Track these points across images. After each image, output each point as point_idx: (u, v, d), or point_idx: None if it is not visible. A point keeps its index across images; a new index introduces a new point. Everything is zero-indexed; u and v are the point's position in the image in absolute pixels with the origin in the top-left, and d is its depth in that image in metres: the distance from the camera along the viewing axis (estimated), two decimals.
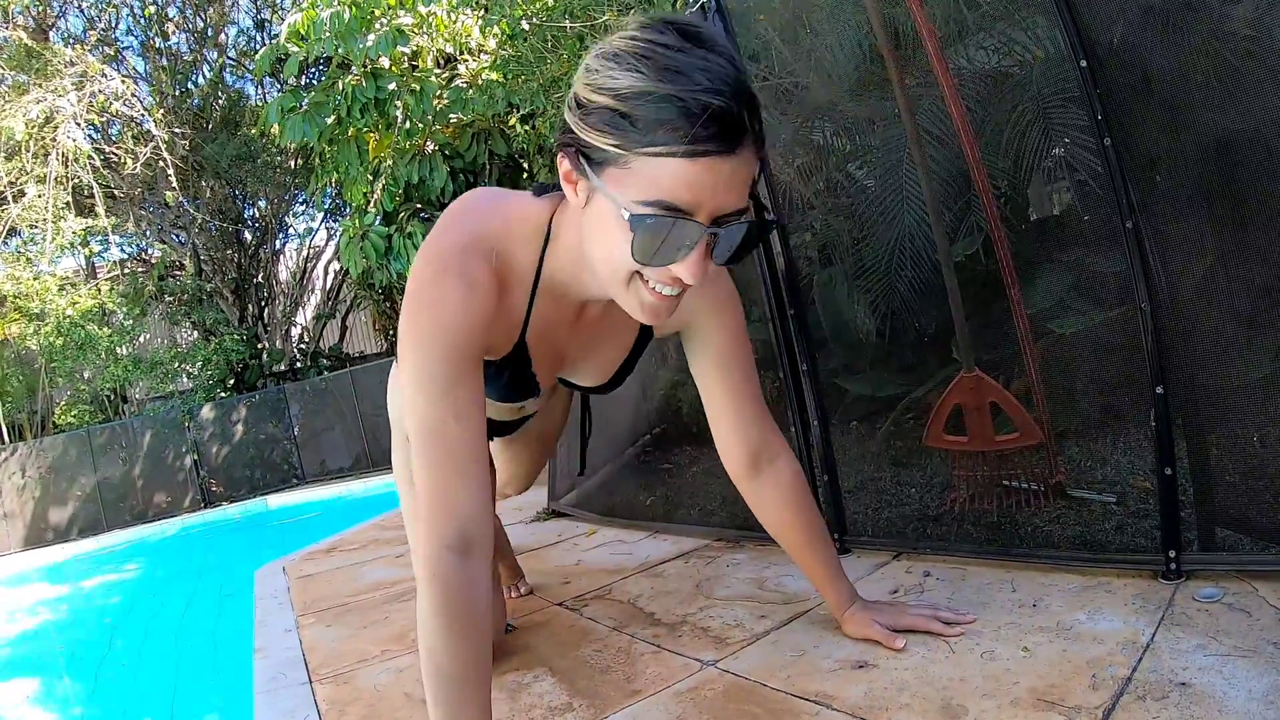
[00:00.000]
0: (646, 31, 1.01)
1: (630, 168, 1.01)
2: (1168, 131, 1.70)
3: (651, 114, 0.98)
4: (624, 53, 1.01)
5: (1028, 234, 2.37)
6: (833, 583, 1.62)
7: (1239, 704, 1.08)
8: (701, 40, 1.00)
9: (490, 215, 1.29)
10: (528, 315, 1.35)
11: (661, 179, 1.00)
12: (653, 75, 0.98)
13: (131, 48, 13.89)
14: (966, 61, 2.31)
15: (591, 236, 1.13)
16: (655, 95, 0.97)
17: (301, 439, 12.87)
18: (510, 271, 1.28)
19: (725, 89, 0.98)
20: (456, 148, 7.66)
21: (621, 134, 1.00)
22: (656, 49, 0.99)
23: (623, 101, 0.99)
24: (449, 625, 1.13)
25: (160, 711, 3.92)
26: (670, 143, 0.98)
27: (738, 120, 0.99)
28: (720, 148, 0.99)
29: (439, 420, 1.17)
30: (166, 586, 7.71)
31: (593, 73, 1.03)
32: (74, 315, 12.03)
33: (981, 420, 2.00)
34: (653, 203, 1.01)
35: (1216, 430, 1.63)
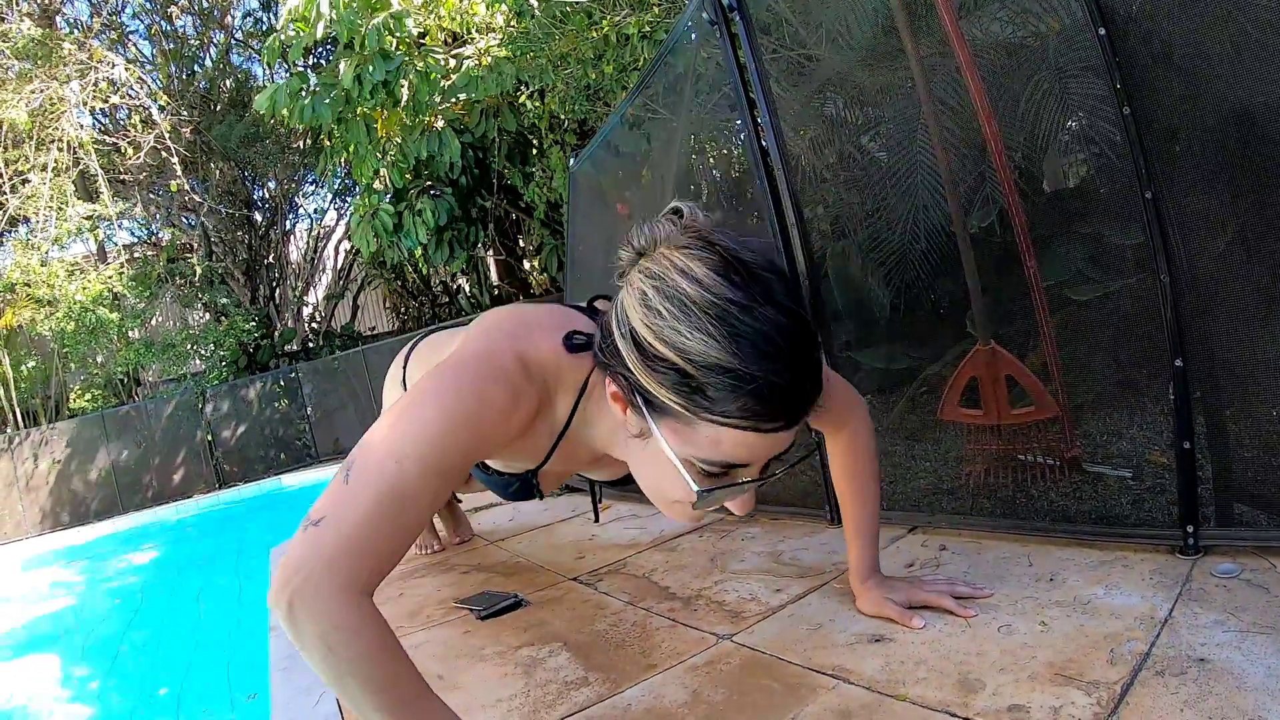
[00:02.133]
0: (715, 279, 0.96)
1: (694, 428, 1.01)
2: (1187, 102, 1.68)
3: (724, 390, 0.95)
4: (691, 306, 0.95)
5: (1043, 207, 2.35)
6: (859, 545, 1.62)
7: (1258, 680, 1.07)
8: (771, 294, 0.97)
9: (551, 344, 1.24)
10: (550, 452, 1.35)
11: (724, 444, 1.00)
12: (725, 344, 0.94)
13: (137, 31, 13.88)
14: (981, 33, 2.28)
15: (641, 464, 1.14)
16: (728, 371, 0.94)
17: (315, 418, 12.94)
18: (548, 409, 1.26)
19: (801, 371, 0.98)
20: (466, 123, 7.63)
21: (690, 399, 0.98)
22: (727, 308, 0.94)
23: (693, 367, 0.96)
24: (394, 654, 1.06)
25: (177, 689, 3.96)
26: (739, 418, 0.97)
27: (806, 401, 1.00)
28: (788, 425, 1.00)
29: (417, 494, 1.08)
30: (182, 567, 7.78)
31: (655, 315, 0.97)
32: (84, 300, 12.08)
33: (997, 393, 1.99)
34: (715, 463, 1.03)
35: (1235, 405, 1.61)
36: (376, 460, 1.07)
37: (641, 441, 1.10)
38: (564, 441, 1.32)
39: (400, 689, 1.06)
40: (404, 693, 1.06)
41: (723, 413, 0.97)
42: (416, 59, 6.90)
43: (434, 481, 1.09)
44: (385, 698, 1.04)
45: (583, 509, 3.17)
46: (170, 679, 4.19)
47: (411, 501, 1.07)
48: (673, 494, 1.10)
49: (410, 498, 1.07)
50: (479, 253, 10.18)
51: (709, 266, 0.96)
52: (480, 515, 3.44)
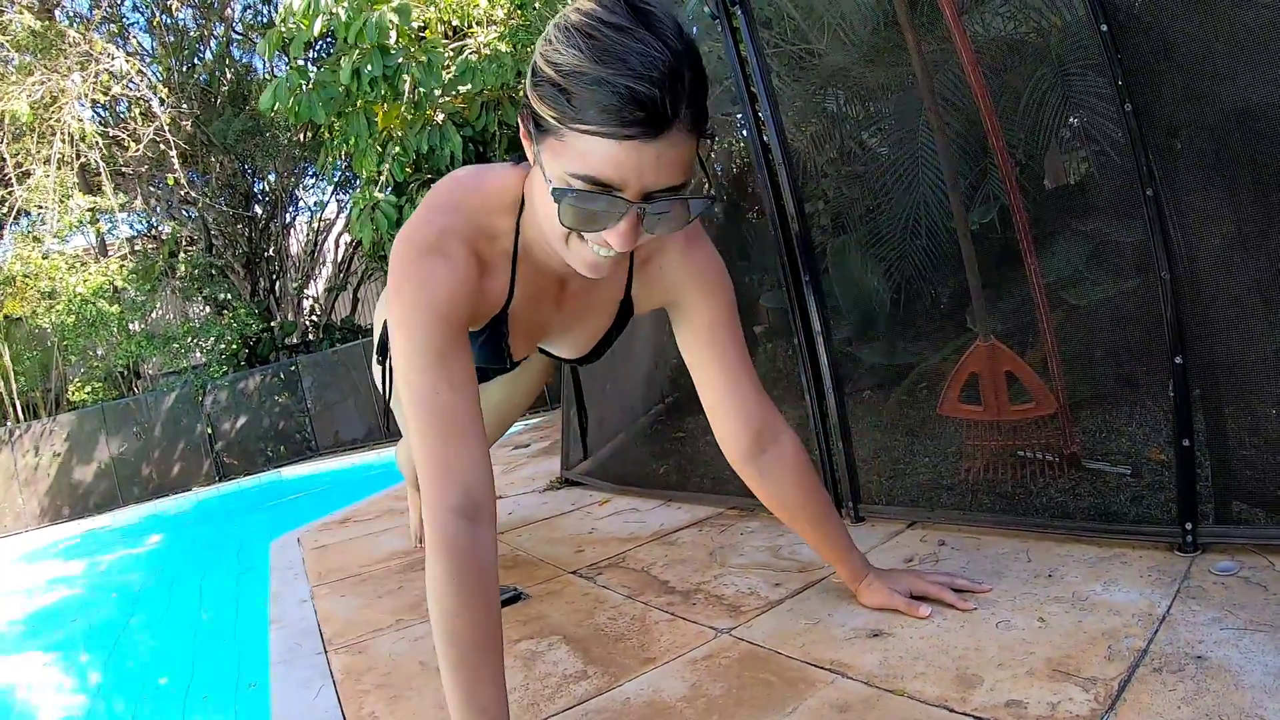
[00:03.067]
0: (600, 7, 1.04)
1: (565, 140, 1.06)
2: (1189, 100, 1.68)
3: (585, 94, 1.02)
4: (573, 28, 1.04)
5: (1043, 203, 2.35)
6: (846, 557, 1.61)
7: (1255, 678, 1.07)
8: (649, 21, 1.03)
9: (466, 194, 1.33)
10: (512, 284, 1.38)
11: (589, 155, 1.05)
12: (590, 56, 1.02)
13: (137, 24, 13.84)
14: (982, 28, 2.28)
15: (536, 197, 1.21)
16: (589, 77, 1.01)
17: (315, 411, 12.91)
18: (491, 244, 1.34)
19: (655, 74, 1.01)
20: (466, 117, 7.62)
21: (559, 108, 1.05)
22: (601, 29, 1.02)
23: (563, 77, 1.04)
24: (462, 591, 1.14)
25: (178, 683, 3.97)
26: (599, 123, 1.02)
27: (664, 106, 1.02)
28: (645, 132, 1.02)
29: (432, 389, 1.20)
30: (183, 560, 7.77)
31: (547, 42, 1.07)
32: (85, 293, 12.06)
33: (996, 389, 1.99)
34: (581, 176, 1.06)
35: (1234, 403, 1.61)
36: (401, 393, 1.23)
37: (539, 181, 1.16)
38: (520, 265, 1.37)
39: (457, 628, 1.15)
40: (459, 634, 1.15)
41: (586, 117, 1.03)
42: (418, 53, 6.88)
43: (437, 369, 1.22)
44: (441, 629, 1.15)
45: (582, 503, 3.17)
46: (170, 669, 4.19)
47: (434, 398, 1.21)
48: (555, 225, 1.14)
49: (431, 395, 1.20)
50: None
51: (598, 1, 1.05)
52: None
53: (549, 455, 4.66)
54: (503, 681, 1.16)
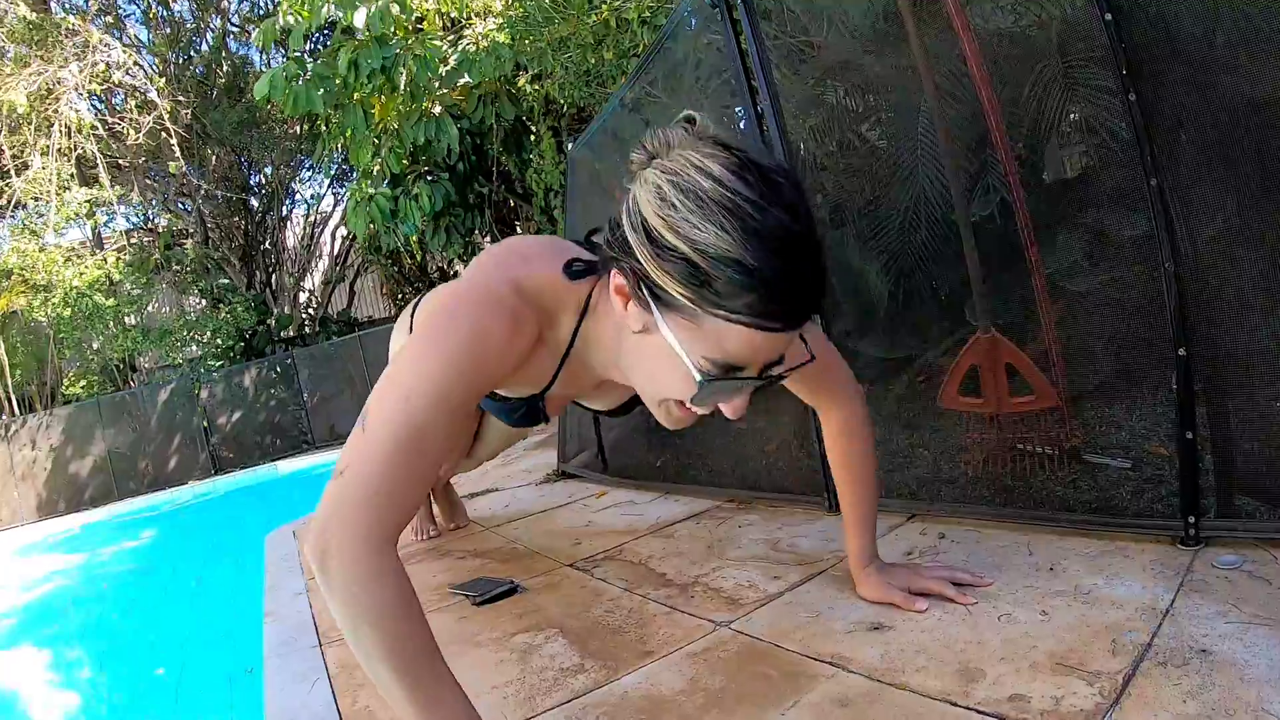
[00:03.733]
0: (731, 176, 0.97)
1: (699, 322, 1.01)
2: (1193, 90, 1.66)
3: (735, 288, 0.96)
4: (708, 199, 0.96)
5: (1044, 196, 2.34)
6: (858, 534, 1.62)
7: (1260, 672, 1.06)
8: (782, 196, 0.97)
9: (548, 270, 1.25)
10: (554, 377, 1.35)
11: (728, 341, 1.01)
12: (738, 239, 0.95)
13: (133, 16, 13.80)
14: (983, 21, 2.26)
15: (640, 359, 1.14)
16: (737, 266, 0.95)
17: (311, 404, 12.93)
18: (550, 333, 1.28)
19: (805, 268, 0.98)
20: (464, 109, 7.60)
21: (696, 291, 0.98)
22: (742, 204, 0.95)
23: (705, 259, 0.96)
24: (410, 610, 1.08)
25: (173, 675, 3.96)
26: (743, 315, 0.97)
27: (813, 302, 1.00)
28: (791, 325, 1.00)
29: (429, 433, 1.10)
30: (178, 553, 7.77)
31: (669, 208, 0.98)
32: (81, 286, 12.04)
33: (997, 382, 1.98)
34: (716, 362, 1.03)
35: (1237, 396, 1.60)
36: (387, 405, 1.11)
37: (642, 338, 1.10)
38: (568, 363, 1.33)
39: (410, 648, 1.07)
40: (413, 652, 1.07)
41: (730, 308, 0.97)
42: (415, 45, 6.86)
43: (443, 418, 1.12)
44: (394, 654, 1.06)
45: (579, 495, 3.16)
46: (166, 662, 4.19)
47: (424, 441, 1.10)
48: (670, 389, 1.11)
49: (422, 437, 1.10)
50: (476, 239, 10.14)
51: (724, 165, 0.97)
52: (476, 501, 3.43)
53: (546, 448, 4.64)
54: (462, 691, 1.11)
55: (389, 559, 1.07)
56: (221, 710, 3.24)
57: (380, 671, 1.06)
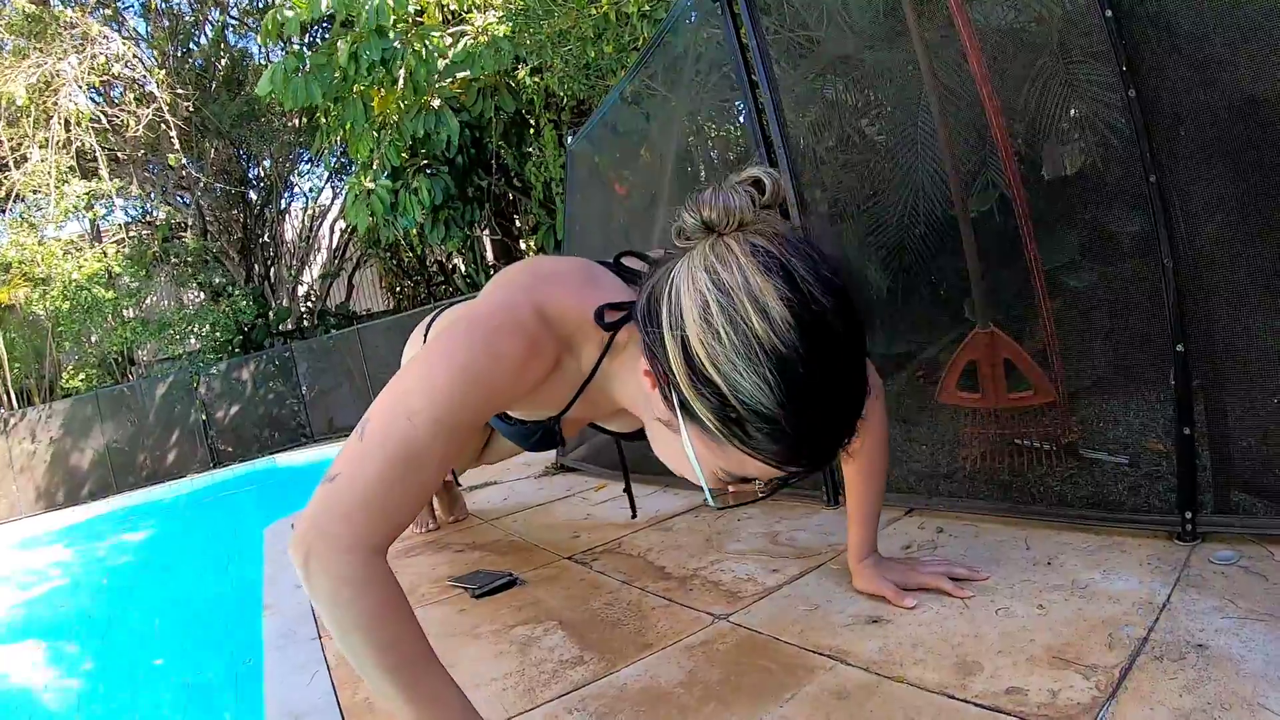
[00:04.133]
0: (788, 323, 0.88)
1: (722, 446, 0.97)
2: (1193, 88, 1.66)
3: (763, 433, 0.92)
4: (755, 346, 0.88)
5: (1043, 193, 2.34)
6: (859, 524, 1.62)
7: (1256, 667, 1.07)
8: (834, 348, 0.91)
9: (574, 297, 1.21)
10: (571, 402, 1.33)
11: (748, 467, 0.98)
12: (779, 397, 0.89)
13: (132, 8, 13.76)
14: (983, 18, 2.26)
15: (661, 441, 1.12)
16: (775, 423, 0.90)
17: (309, 397, 12.93)
18: (570, 361, 1.24)
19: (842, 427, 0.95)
20: (463, 102, 7.59)
21: (728, 430, 0.94)
22: (794, 364, 0.88)
23: (743, 408, 0.91)
24: (399, 615, 1.07)
25: (171, 668, 3.97)
26: (767, 459, 0.94)
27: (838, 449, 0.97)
28: (815, 470, 1.00)
29: (428, 451, 1.08)
30: (177, 546, 7.77)
31: (714, 337, 0.90)
32: (79, 279, 12.03)
33: (995, 377, 1.98)
34: (733, 476, 1.02)
35: (1234, 392, 1.60)
36: (390, 417, 1.08)
37: (664, 425, 1.06)
38: (586, 392, 1.30)
39: (403, 650, 1.06)
40: (406, 655, 1.07)
41: (756, 448, 0.93)
42: (414, 39, 6.85)
43: (446, 437, 1.09)
44: (387, 657, 1.05)
45: (578, 488, 3.17)
46: (166, 655, 4.19)
47: (424, 458, 1.07)
48: (686, 474, 1.08)
49: (422, 454, 1.07)
50: (475, 232, 10.14)
51: (783, 303, 0.88)
52: (475, 494, 3.44)
53: None
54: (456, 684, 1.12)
55: (374, 568, 1.05)
56: (221, 703, 3.24)
57: (372, 674, 1.06)
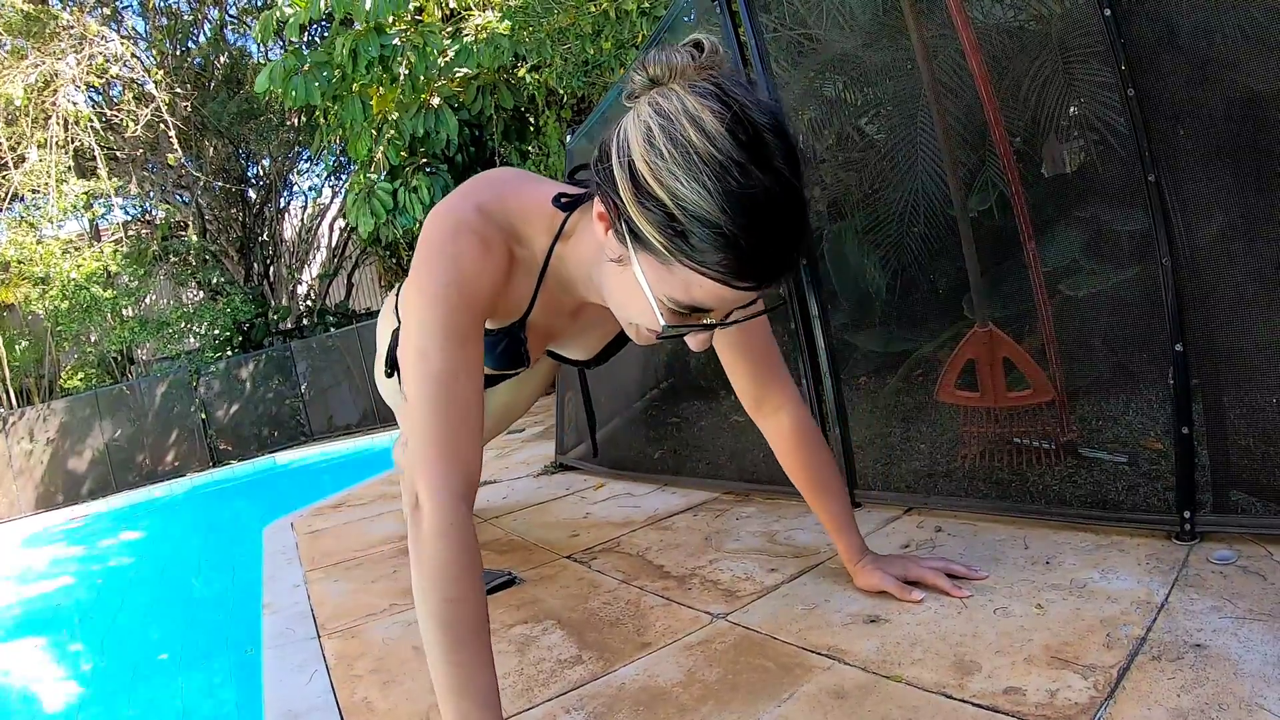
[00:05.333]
0: (722, 133, 0.96)
1: (670, 268, 1.02)
2: (1192, 87, 1.66)
3: (707, 241, 0.96)
4: (694, 155, 0.95)
5: (1042, 191, 2.34)
6: (841, 534, 1.62)
7: (1254, 667, 1.07)
8: (770, 158, 0.97)
9: (508, 192, 1.29)
10: (533, 299, 1.37)
11: (695, 289, 1.02)
12: (718, 201, 0.95)
13: (130, 7, 13.73)
14: (982, 15, 2.26)
15: (614, 286, 1.15)
16: (716, 229, 0.95)
17: (309, 396, 12.91)
18: (521, 251, 1.30)
19: (785, 236, 0.98)
20: (463, 100, 7.59)
21: (672, 242, 0.99)
22: (728, 165, 0.95)
23: (683, 214, 0.97)
24: (472, 574, 1.13)
25: (170, 667, 3.97)
26: (715, 271, 0.98)
27: (787, 264, 1.01)
28: (762, 286, 1.02)
29: (451, 372, 1.17)
30: (176, 545, 7.77)
31: (656, 155, 0.97)
32: (79, 278, 12.02)
33: (994, 376, 1.98)
34: (681, 304, 1.05)
35: (1233, 392, 1.60)
36: (412, 371, 1.19)
37: (618, 266, 1.11)
38: (545, 284, 1.35)
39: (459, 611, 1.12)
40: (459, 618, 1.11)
41: (701, 262, 0.98)
42: (414, 36, 6.84)
43: (458, 353, 1.18)
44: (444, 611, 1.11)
45: (576, 487, 3.16)
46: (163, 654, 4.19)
47: (454, 384, 1.17)
48: (639, 319, 1.13)
49: (449, 378, 1.17)
50: None
51: (718, 119, 0.96)
52: None
53: (544, 440, 4.65)
54: (495, 669, 1.14)
55: (453, 515, 1.14)
56: (220, 702, 3.25)
57: (426, 630, 1.12)
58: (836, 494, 1.62)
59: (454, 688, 1.09)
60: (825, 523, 1.64)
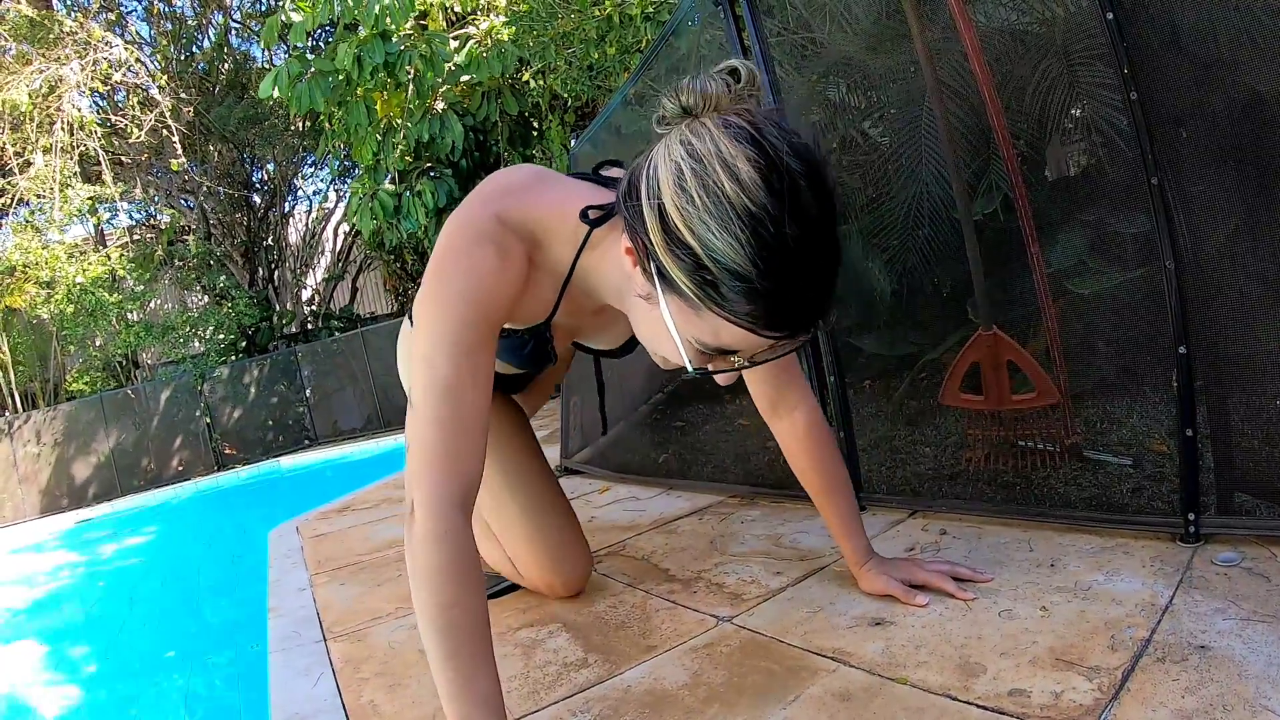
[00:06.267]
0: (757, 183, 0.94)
1: (699, 313, 1.01)
2: (1196, 89, 1.66)
3: (738, 293, 0.96)
4: (727, 205, 0.94)
5: (1046, 194, 2.34)
6: (848, 536, 1.62)
7: (1258, 669, 1.07)
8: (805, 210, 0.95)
9: (534, 200, 1.27)
10: (556, 304, 1.37)
11: (724, 335, 1.02)
12: (750, 254, 0.94)
13: (135, 12, 13.78)
14: (984, 18, 2.27)
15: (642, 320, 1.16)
16: (747, 280, 0.95)
17: (313, 400, 12.92)
18: (544, 259, 1.29)
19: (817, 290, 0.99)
20: (467, 106, 7.60)
21: (703, 291, 0.98)
22: (761, 218, 0.93)
23: (714, 264, 0.95)
24: (462, 580, 1.12)
25: (177, 671, 3.97)
26: (745, 323, 0.98)
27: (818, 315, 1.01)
28: (793, 336, 1.02)
29: (457, 382, 1.17)
30: (182, 549, 7.78)
31: (688, 201, 0.96)
32: (84, 282, 12.05)
33: (998, 379, 1.99)
34: (712, 348, 1.05)
35: (1237, 394, 1.60)
36: (419, 378, 1.18)
37: (645, 302, 1.11)
38: (569, 290, 1.34)
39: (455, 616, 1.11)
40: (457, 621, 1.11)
41: (732, 312, 0.98)
42: (420, 42, 6.86)
43: (466, 363, 1.17)
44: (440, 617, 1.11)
45: (581, 491, 3.17)
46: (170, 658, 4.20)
47: (458, 393, 1.17)
48: (667, 354, 1.14)
49: (454, 390, 1.16)
50: None
51: (753, 166, 0.94)
52: None
53: (548, 444, 4.65)
54: (497, 674, 1.15)
55: (448, 523, 1.13)
56: (226, 706, 3.25)
57: (425, 630, 1.12)
58: (845, 496, 1.63)
59: (454, 692, 1.10)
60: (832, 525, 1.64)
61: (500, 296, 1.22)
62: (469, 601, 1.13)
